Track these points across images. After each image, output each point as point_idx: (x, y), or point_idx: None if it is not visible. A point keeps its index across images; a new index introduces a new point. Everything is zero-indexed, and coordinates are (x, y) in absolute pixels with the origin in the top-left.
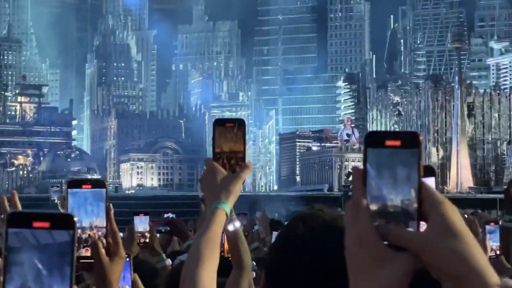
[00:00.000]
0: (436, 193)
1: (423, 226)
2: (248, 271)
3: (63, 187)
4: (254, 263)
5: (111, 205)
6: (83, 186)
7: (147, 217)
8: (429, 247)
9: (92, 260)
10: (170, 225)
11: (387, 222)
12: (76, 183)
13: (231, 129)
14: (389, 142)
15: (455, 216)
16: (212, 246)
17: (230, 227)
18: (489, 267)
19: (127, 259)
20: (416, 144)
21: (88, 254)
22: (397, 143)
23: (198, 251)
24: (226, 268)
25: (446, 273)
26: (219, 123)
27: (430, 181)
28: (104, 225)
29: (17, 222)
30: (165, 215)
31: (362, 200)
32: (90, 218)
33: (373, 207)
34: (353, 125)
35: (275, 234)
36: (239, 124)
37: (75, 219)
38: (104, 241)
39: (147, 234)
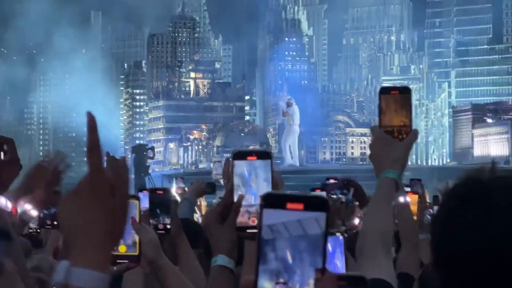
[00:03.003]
0: None
1: None
2: (417, 244)
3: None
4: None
5: (277, 177)
6: (248, 157)
7: (323, 192)
8: None
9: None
10: (350, 187)
11: None
12: (241, 154)
13: (397, 96)
14: None
15: None
16: (383, 215)
17: (401, 199)
18: None
19: (340, 237)
20: None
21: None
22: None
23: (372, 221)
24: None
25: None
26: (385, 91)
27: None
28: None
29: (271, 203)
30: (327, 182)
31: None
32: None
33: None
34: None
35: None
36: (405, 91)
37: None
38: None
39: None
